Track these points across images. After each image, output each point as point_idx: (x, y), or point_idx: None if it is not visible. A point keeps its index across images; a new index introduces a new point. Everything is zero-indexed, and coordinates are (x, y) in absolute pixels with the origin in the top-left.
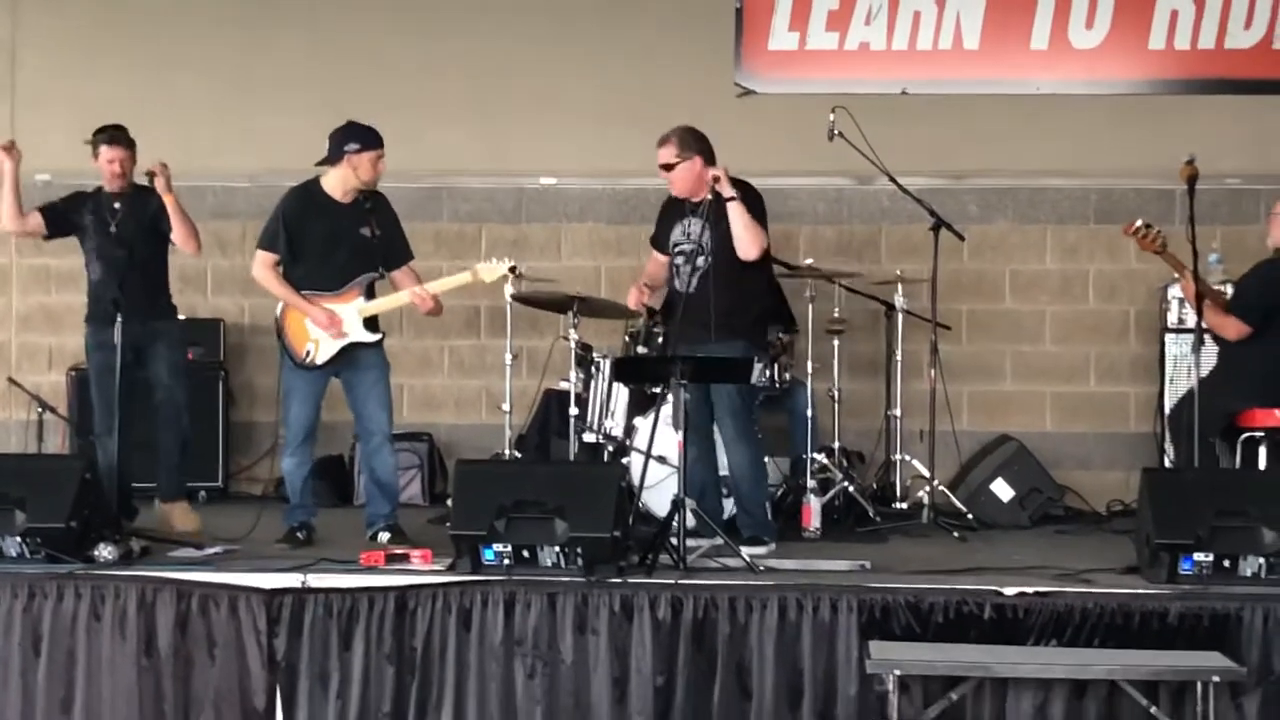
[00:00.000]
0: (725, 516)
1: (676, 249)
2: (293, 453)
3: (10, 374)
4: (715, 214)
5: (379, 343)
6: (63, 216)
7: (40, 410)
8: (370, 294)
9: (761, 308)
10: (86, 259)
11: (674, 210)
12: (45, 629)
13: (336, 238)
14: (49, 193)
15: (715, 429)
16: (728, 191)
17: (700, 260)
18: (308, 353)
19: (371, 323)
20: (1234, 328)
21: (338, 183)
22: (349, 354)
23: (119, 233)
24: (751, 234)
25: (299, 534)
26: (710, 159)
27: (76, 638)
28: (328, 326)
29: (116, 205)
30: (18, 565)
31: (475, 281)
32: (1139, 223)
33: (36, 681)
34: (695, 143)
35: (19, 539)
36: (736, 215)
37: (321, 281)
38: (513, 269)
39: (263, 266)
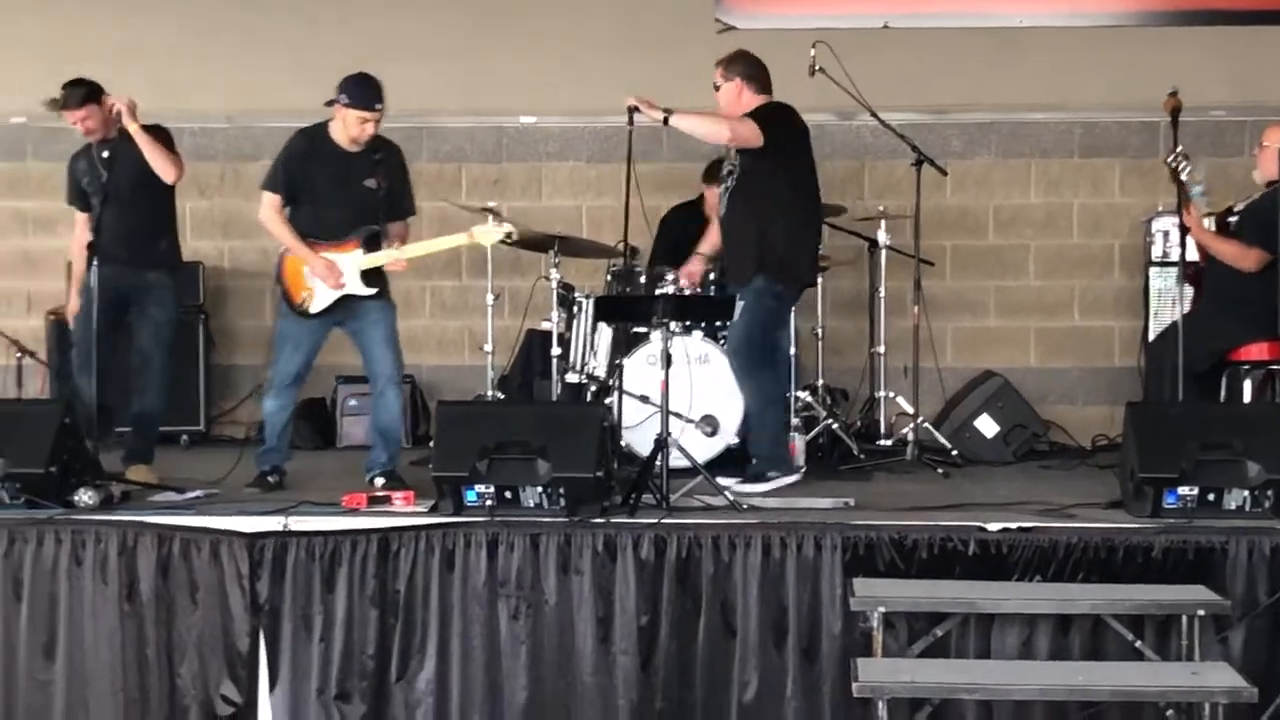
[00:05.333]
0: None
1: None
2: (277, 395)
3: None
4: None
5: (379, 297)
6: (78, 188)
7: (19, 355)
8: (370, 246)
9: (787, 238)
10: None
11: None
12: (26, 575)
13: (340, 186)
14: (24, 134)
15: None
16: (653, 114)
17: (730, 181)
18: (303, 300)
19: (369, 276)
20: (1255, 257)
21: (340, 130)
22: (347, 304)
23: (110, 180)
24: (704, 127)
25: (270, 478)
26: (749, 79)
27: (58, 583)
28: (326, 276)
29: (105, 154)
30: None
31: (471, 244)
32: (1179, 149)
33: (18, 627)
34: (739, 65)
35: None
36: (681, 119)
37: (322, 230)
38: (508, 235)
39: (268, 208)
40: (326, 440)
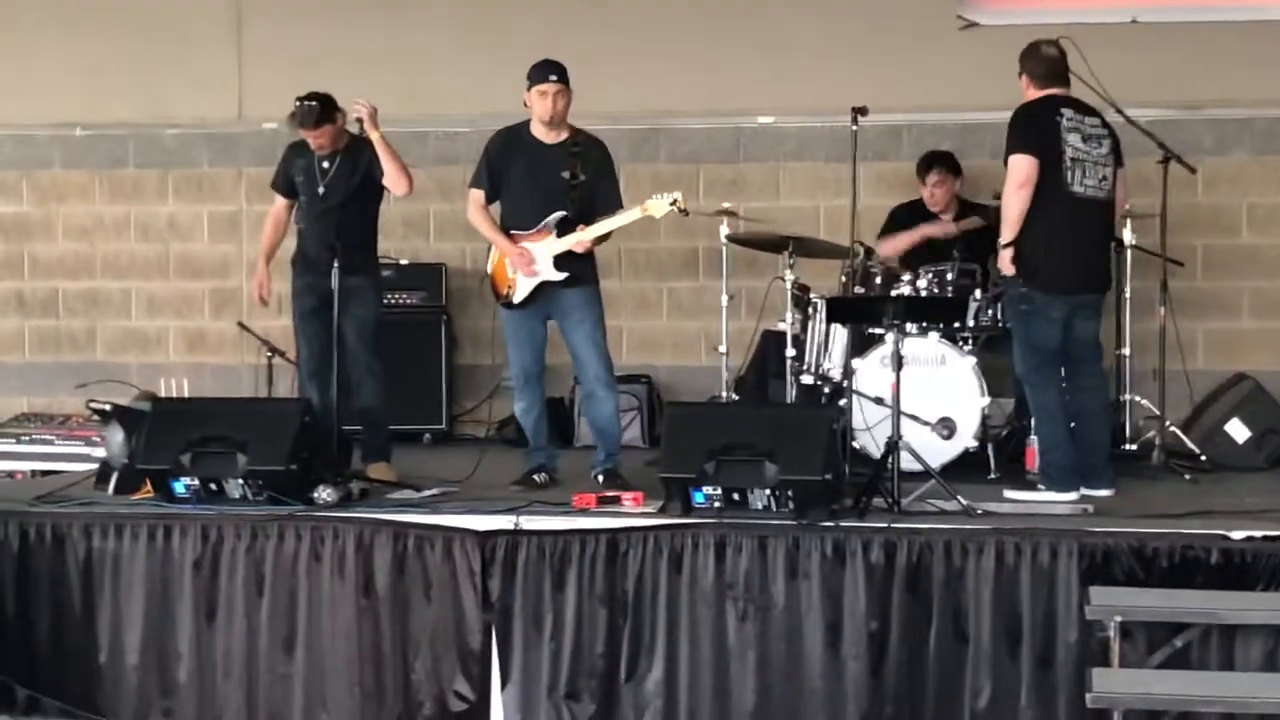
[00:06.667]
0: None
1: None
2: (520, 396)
3: (240, 319)
4: None
5: (578, 284)
6: (289, 178)
7: (269, 355)
8: (562, 232)
9: (1033, 240)
10: (298, 207)
11: None
12: (268, 569)
13: (534, 176)
14: (277, 140)
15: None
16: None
17: None
18: (508, 292)
19: (561, 261)
20: None
21: (536, 122)
22: (550, 296)
23: (327, 192)
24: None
25: (535, 476)
26: (1031, 75)
27: (298, 578)
28: (519, 263)
29: (325, 164)
30: (240, 507)
31: (645, 216)
32: None
33: (260, 620)
34: (1024, 61)
35: (241, 481)
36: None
37: (519, 220)
38: (674, 202)
39: (472, 204)
40: (564, 438)
